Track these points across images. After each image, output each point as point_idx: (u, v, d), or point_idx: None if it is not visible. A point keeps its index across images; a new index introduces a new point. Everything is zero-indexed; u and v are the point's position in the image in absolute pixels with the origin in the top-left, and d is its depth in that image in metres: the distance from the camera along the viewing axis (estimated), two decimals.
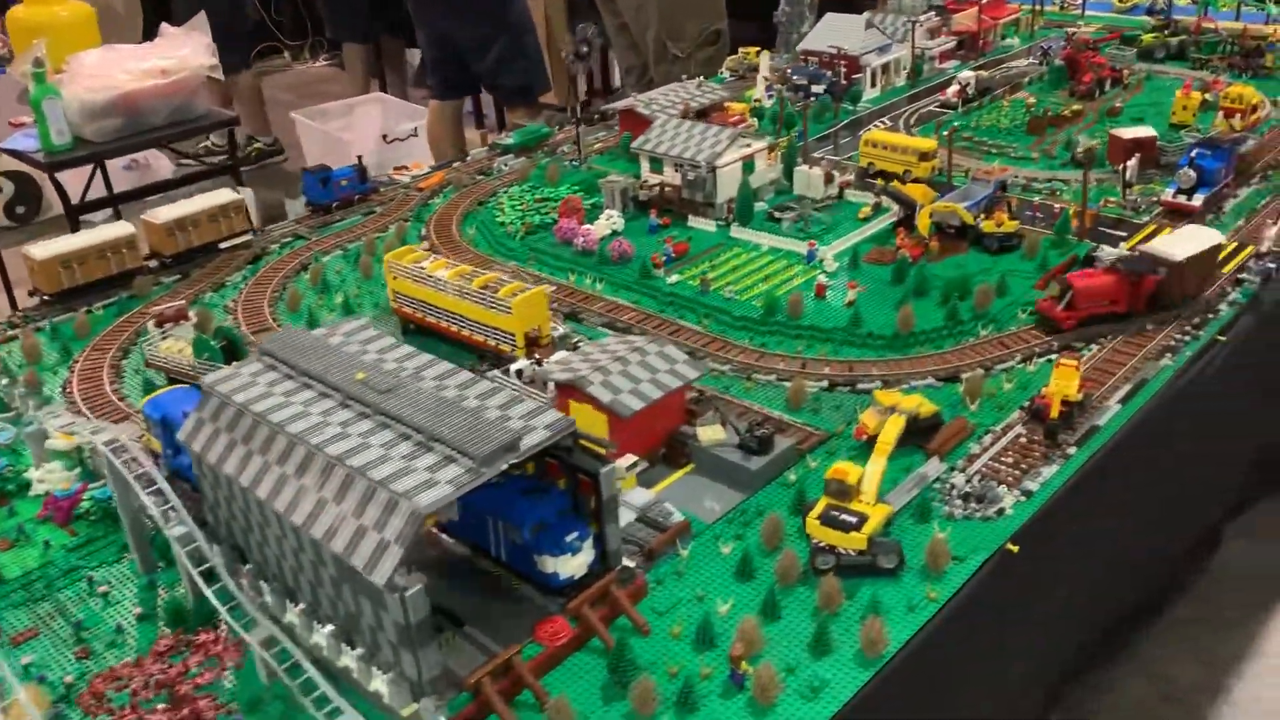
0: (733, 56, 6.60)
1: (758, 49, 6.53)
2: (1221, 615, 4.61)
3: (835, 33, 5.95)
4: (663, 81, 6.89)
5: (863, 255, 4.02)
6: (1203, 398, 3.39)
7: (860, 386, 3.26)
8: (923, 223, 4.02)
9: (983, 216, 4.03)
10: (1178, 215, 4.23)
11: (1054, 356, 3.35)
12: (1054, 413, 2.89)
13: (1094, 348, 3.38)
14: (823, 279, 3.79)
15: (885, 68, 5.99)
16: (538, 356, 3.25)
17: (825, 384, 3.28)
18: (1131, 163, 4.31)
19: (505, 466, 2.14)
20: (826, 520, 2.50)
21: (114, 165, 6.91)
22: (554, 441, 2.24)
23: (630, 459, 2.78)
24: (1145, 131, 4.62)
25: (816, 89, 5.76)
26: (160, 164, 8.73)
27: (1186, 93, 5.21)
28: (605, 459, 2.35)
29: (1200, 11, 6.88)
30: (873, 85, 5.92)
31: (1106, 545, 3.17)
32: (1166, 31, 6.31)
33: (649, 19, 6.68)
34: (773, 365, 3.39)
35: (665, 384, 2.88)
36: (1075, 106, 5.47)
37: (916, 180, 4.53)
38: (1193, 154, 4.25)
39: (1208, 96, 5.39)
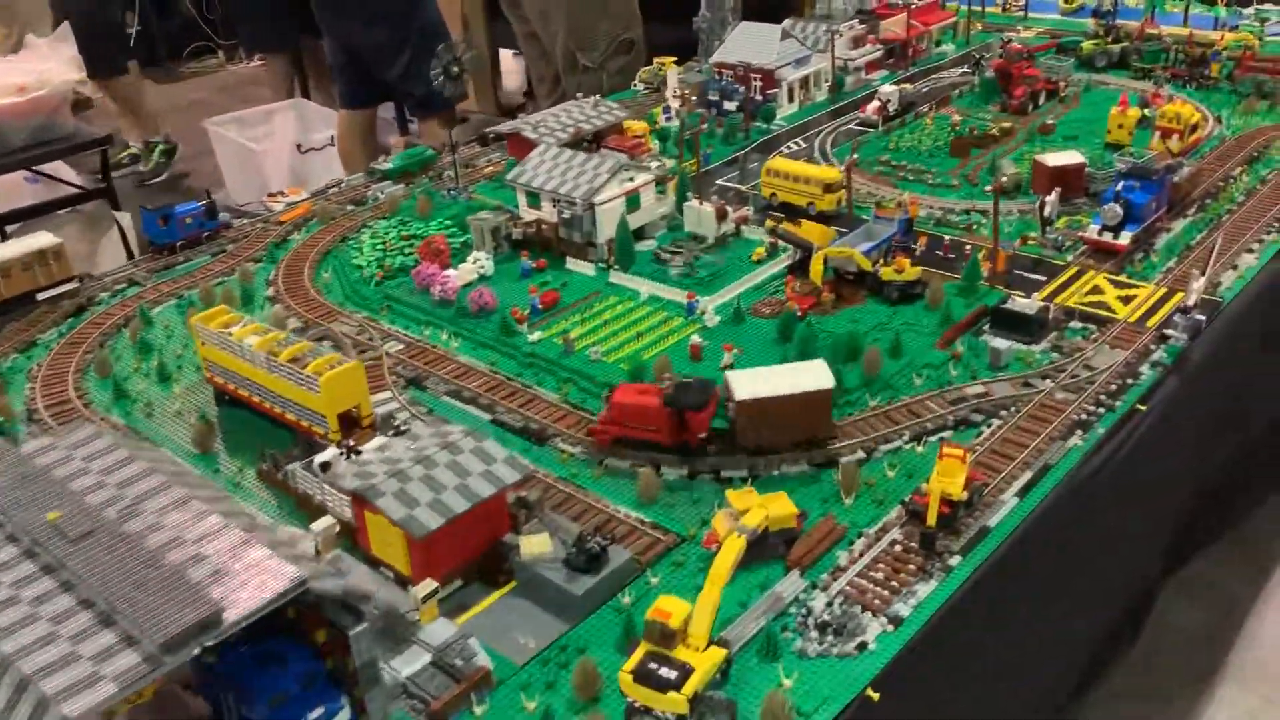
0: (646, 68, 6.15)
1: (674, 59, 6.09)
2: (1159, 686, 4.24)
3: (749, 43, 5.51)
4: (575, 95, 6.45)
5: (749, 307, 3.60)
6: (1124, 468, 2.99)
7: (725, 474, 2.83)
8: (815, 269, 3.59)
9: (882, 261, 3.61)
10: (1104, 255, 3.82)
11: (949, 434, 2.94)
12: (930, 518, 2.46)
13: (988, 427, 2.96)
14: (697, 339, 3.35)
15: (804, 81, 5.55)
16: (351, 443, 2.80)
17: (685, 471, 2.85)
18: (1051, 197, 3.89)
19: (198, 651, 1.70)
20: (641, 676, 2.06)
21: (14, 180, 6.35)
22: (277, 607, 1.80)
23: (429, 586, 2.34)
24: (1072, 157, 4.20)
25: (729, 106, 5.33)
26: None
27: (1122, 109, 4.80)
28: (360, 615, 1.91)
29: (1146, 15, 6.49)
30: (790, 101, 5.49)
31: (1007, 658, 2.76)
32: (1108, 38, 5.90)
33: (556, 27, 6.22)
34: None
35: (475, 492, 2.43)
36: (1005, 124, 5.05)
37: (821, 215, 4.11)
38: (1119, 186, 3.84)
39: (1146, 112, 4.99)
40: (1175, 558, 3.91)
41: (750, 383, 2.78)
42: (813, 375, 2.81)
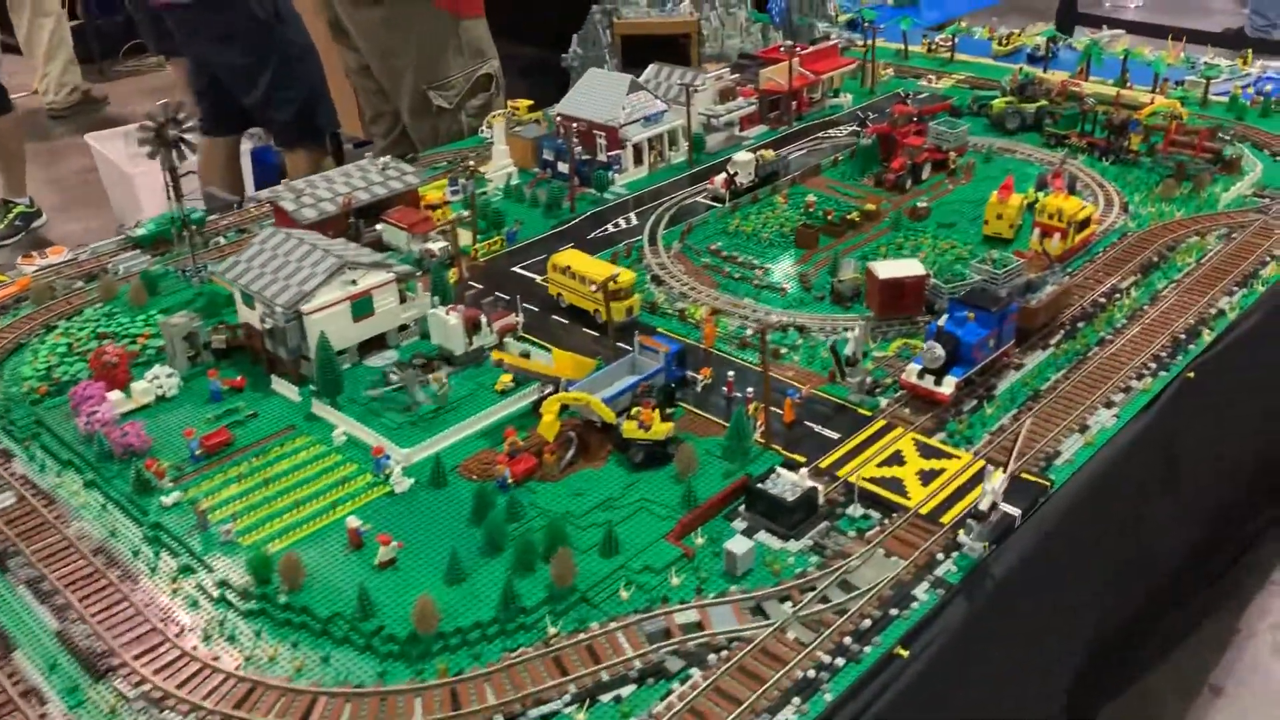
0: (497, 113, 5.39)
1: (529, 104, 5.33)
2: None
3: (595, 94, 4.75)
4: (429, 141, 5.71)
5: (459, 465, 2.85)
6: None
7: None
8: (547, 419, 2.84)
9: (630, 413, 2.85)
10: (924, 404, 3.05)
11: (629, 689, 2.19)
12: None
13: (682, 681, 2.20)
14: (354, 522, 2.61)
15: (659, 140, 4.79)
16: None
17: None
18: (855, 332, 3.11)
19: None
20: None
21: None
22: None
23: None
24: (909, 268, 3.42)
25: (565, 168, 4.58)
26: None
27: (1003, 197, 4.02)
28: None
29: (1080, 65, 5.69)
30: (638, 164, 4.73)
31: None
32: (1021, 95, 5.10)
33: (402, 65, 5.48)
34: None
35: None
36: (870, 205, 4.28)
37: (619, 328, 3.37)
38: (941, 321, 3.07)
39: (1042, 196, 4.21)
40: None
41: None
42: None
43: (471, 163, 4.86)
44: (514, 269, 3.97)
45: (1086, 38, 6.73)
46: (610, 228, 4.26)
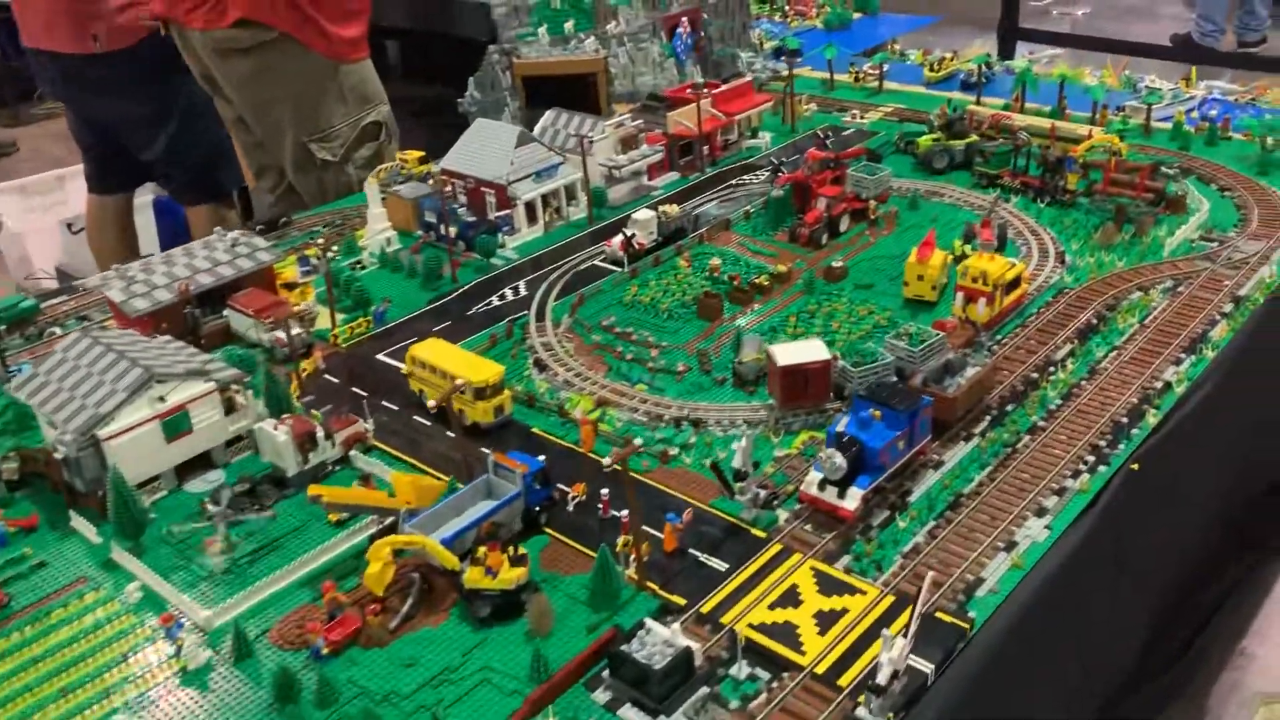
0: (385, 165, 4.94)
1: (420, 154, 4.89)
2: None
3: (482, 147, 4.32)
4: (316, 197, 5.24)
5: (269, 630, 2.39)
6: None
7: None
8: (374, 569, 2.38)
9: (475, 555, 2.40)
10: (833, 521, 2.62)
11: None
12: None
13: None
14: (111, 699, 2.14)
15: (555, 196, 4.36)
16: None
17: None
18: (743, 443, 2.67)
19: None
20: None
21: None
22: None
23: None
24: (811, 352, 2.99)
25: (451, 230, 4.13)
26: None
27: (923, 255, 3.61)
28: None
29: (1015, 92, 5.32)
30: (532, 224, 4.29)
31: None
32: (949, 132, 4.70)
33: (279, 116, 5.02)
34: None
35: None
36: (780, 267, 3.86)
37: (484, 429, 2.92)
38: (840, 423, 2.65)
39: (971, 249, 3.81)
40: None
41: None
42: None
43: (322, 241, 4.38)
44: (380, 356, 3.51)
45: (1023, 59, 6.38)
46: (496, 300, 3.81)
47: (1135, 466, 2.80)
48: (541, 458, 2.67)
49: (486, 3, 5.23)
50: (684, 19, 4.95)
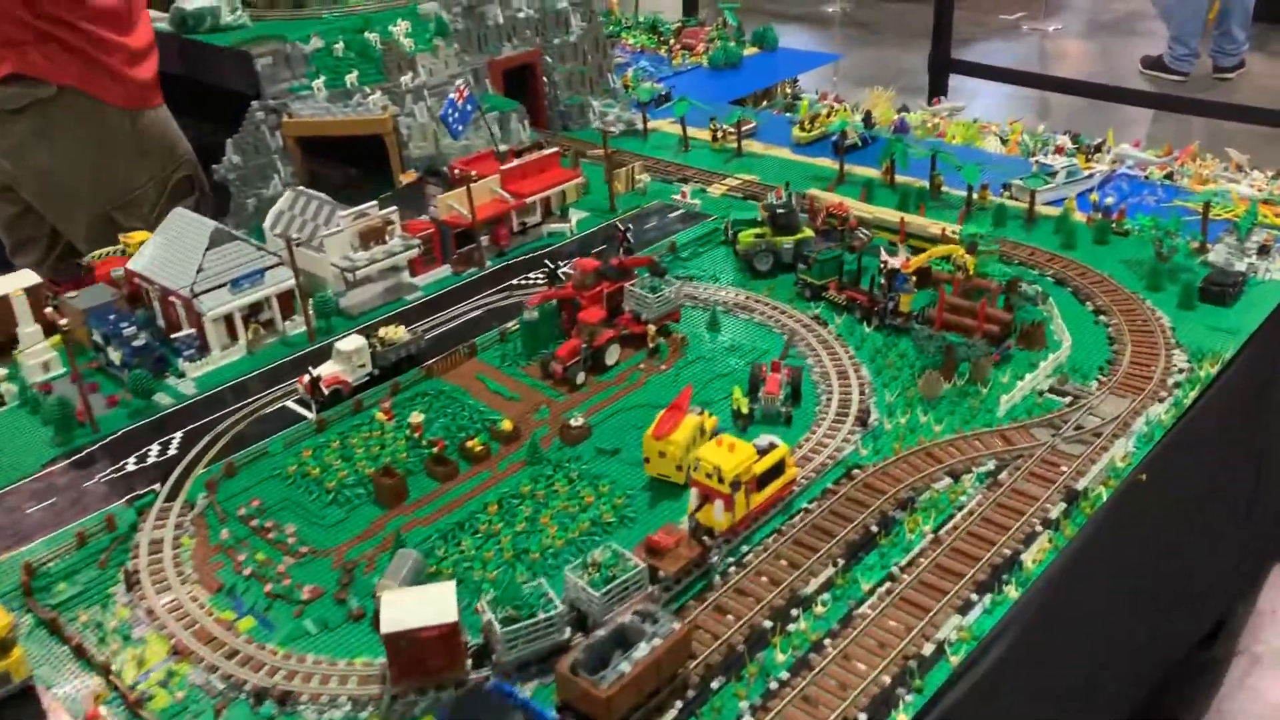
0: (99, 253, 4.10)
1: (147, 235, 4.03)
2: None
3: (175, 245, 3.48)
4: None
5: None
6: None
7: None
8: None
9: None
10: None
11: None
12: None
13: None
14: None
15: (268, 306, 3.51)
16: None
17: None
18: None
19: None
20: None
21: None
22: None
23: None
24: (438, 602, 2.12)
25: (116, 356, 3.30)
26: None
27: (661, 433, 2.74)
28: None
29: (884, 162, 4.46)
30: (232, 343, 3.45)
31: None
32: (777, 224, 3.83)
33: (74, 183, 4.23)
34: None
35: None
36: (505, 424, 3.01)
37: None
38: None
39: (745, 408, 2.96)
40: None
41: None
42: None
43: None
44: None
45: (922, 111, 5.51)
46: (132, 463, 2.97)
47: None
48: None
49: (248, 51, 4.37)
50: (460, 82, 4.09)
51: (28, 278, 3.55)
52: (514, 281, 3.87)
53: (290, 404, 3.18)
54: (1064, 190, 4.28)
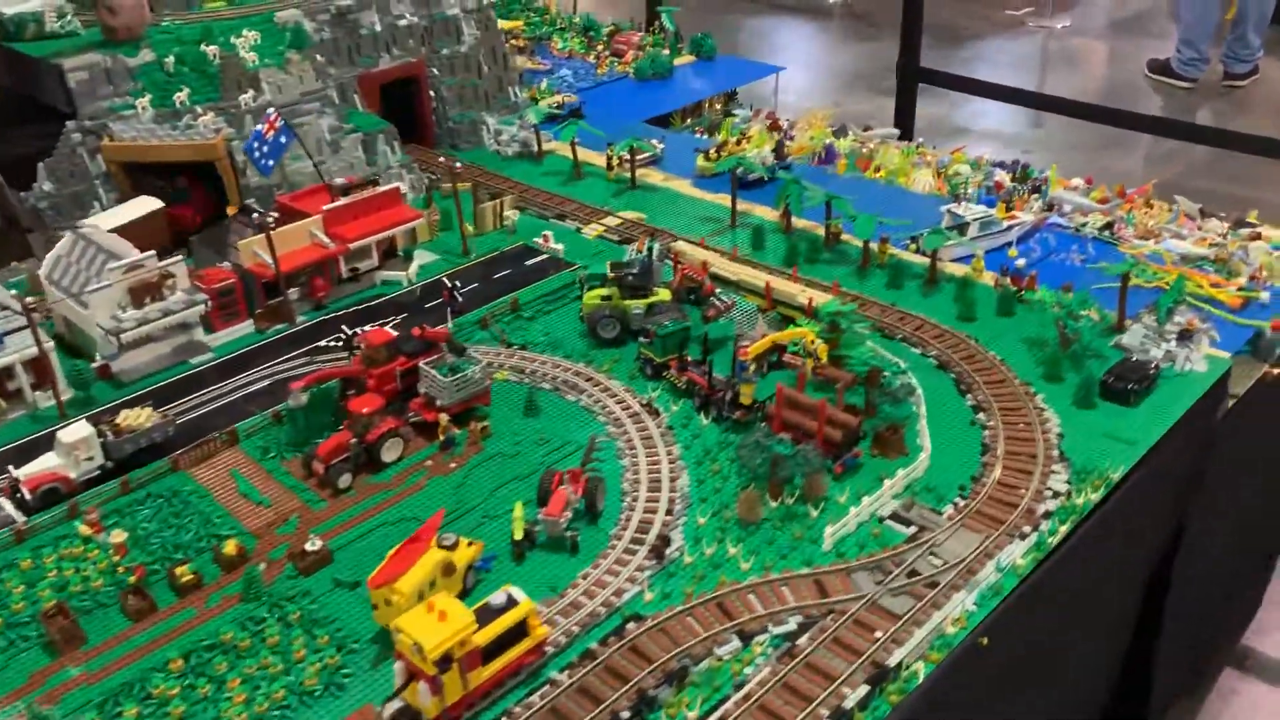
0: None
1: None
2: None
3: None
4: None
5: None
6: None
7: None
8: None
9: None
10: None
11: None
12: None
13: None
14: None
15: (10, 376, 3.04)
16: None
17: None
18: None
19: None
20: None
21: None
22: None
23: None
24: None
25: None
26: None
27: (383, 579, 2.23)
28: None
29: (781, 204, 3.92)
30: None
31: None
32: (625, 287, 3.31)
33: None
34: None
35: None
36: (229, 548, 2.52)
37: None
38: None
39: (522, 516, 2.47)
40: None
41: None
42: None
43: None
44: None
45: (851, 138, 4.96)
46: None
47: None
48: None
49: (59, 64, 3.88)
50: (271, 112, 3.59)
51: None
52: (322, 343, 3.38)
53: (2, 500, 2.71)
54: (974, 246, 3.73)
